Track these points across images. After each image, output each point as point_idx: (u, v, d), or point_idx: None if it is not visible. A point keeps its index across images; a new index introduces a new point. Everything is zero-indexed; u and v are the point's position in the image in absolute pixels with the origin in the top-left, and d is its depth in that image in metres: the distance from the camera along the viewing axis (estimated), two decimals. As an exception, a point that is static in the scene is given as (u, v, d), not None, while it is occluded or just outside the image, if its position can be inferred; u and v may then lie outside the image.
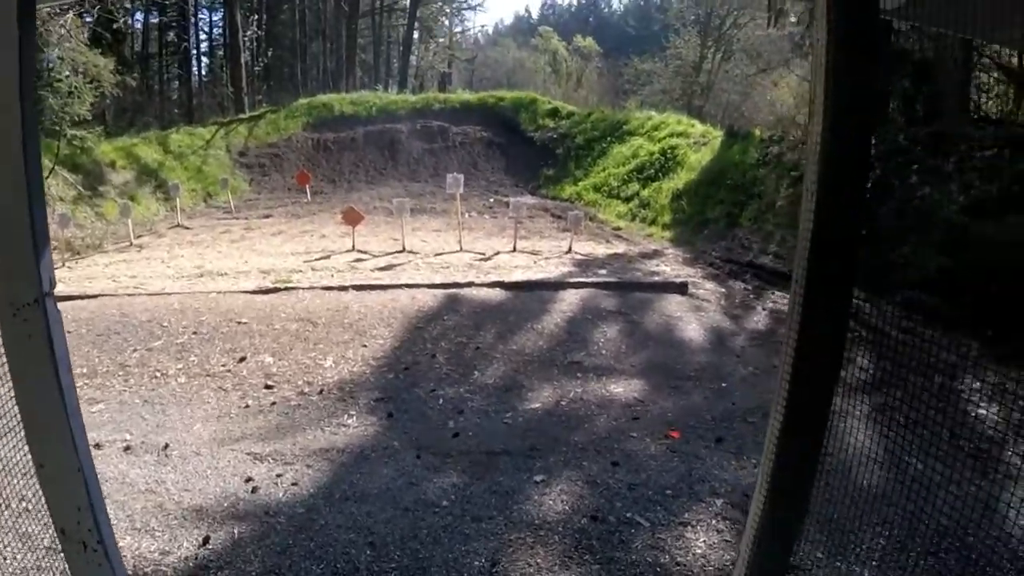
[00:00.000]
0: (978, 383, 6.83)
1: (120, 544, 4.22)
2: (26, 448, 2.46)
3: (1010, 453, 5.65)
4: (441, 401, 6.64)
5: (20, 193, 2.11)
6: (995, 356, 7.48)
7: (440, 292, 9.97)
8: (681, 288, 10.64)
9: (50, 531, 2.87)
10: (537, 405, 6.52)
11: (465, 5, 52.50)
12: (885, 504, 3.91)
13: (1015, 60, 12.36)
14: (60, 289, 9.47)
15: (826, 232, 1.96)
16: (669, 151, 19.85)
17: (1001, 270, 8.35)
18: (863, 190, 1.98)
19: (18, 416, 2.40)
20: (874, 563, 4.21)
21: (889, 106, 13.71)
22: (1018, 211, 9.21)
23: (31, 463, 2.47)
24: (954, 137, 11.26)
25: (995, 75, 13.05)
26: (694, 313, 9.68)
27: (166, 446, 5.62)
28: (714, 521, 4.57)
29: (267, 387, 6.98)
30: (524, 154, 24.30)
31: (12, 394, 2.38)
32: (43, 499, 2.56)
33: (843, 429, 3.44)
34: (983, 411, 6.36)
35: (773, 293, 10.52)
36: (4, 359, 2.33)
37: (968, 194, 10.06)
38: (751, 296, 10.63)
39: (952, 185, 10.38)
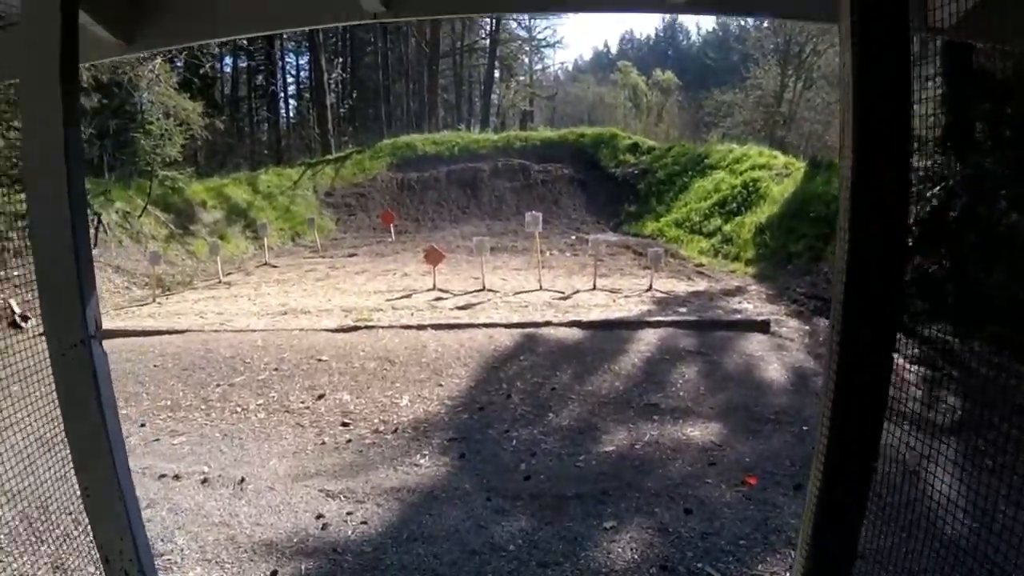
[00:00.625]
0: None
1: (189, 575, 4.33)
2: (74, 479, 2.57)
3: None
4: (514, 442, 6.62)
5: (67, 242, 2.23)
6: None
7: (517, 331, 9.97)
8: (763, 326, 10.42)
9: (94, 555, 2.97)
10: (611, 448, 6.45)
11: (544, 43, 52.98)
12: (970, 557, 3.74)
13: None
14: (150, 324, 9.87)
15: (862, 272, 1.88)
16: (751, 184, 19.56)
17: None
18: (901, 223, 1.89)
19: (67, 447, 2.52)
20: None
21: (973, 130, 13.30)
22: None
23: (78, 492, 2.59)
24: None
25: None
26: (776, 352, 9.46)
27: (242, 480, 5.75)
28: (788, 574, 4.44)
29: (343, 424, 7.08)
30: (605, 190, 24.29)
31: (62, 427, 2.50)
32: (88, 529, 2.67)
33: (925, 474, 3.30)
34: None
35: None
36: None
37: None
38: (836, 334, 10.34)
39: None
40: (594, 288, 13.31)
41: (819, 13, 3.32)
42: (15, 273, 11.69)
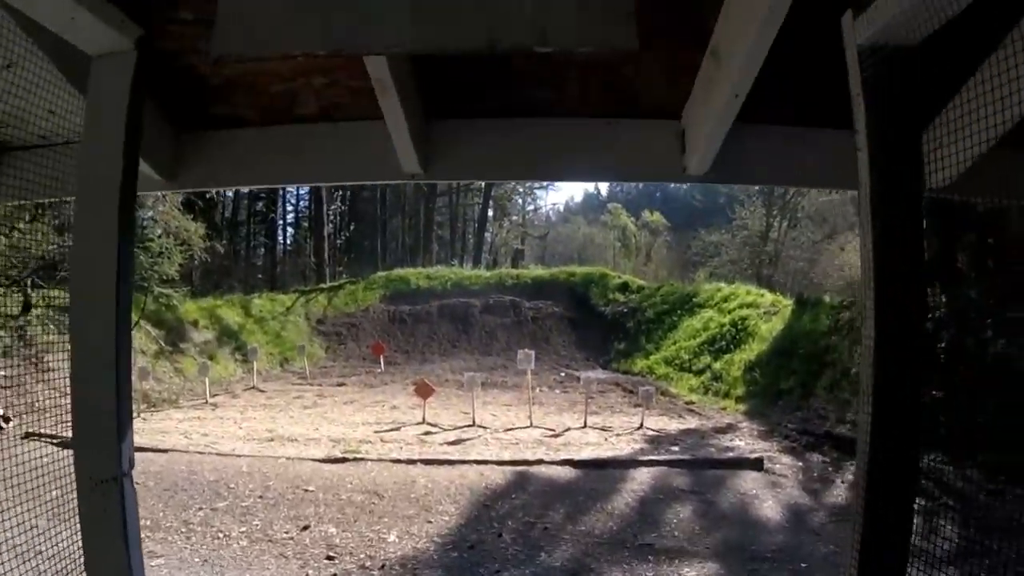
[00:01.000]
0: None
1: None
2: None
3: None
4: (505, 583, 6.49)
5: (111, 375, 2.23)
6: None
7: (508, 469, 9.87)
8: (756, 464, 10.37)
9: None
10: (606, 590, 6.31)
11: (537, 185, 54.31)
12: None
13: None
14: (133, 439, 9.71)
15: (887, 409, 1.92)
16: (740, 322, 19.81)
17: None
18: (920, 361, 1.95)
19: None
20: None
21: (956, 260, 13.56)
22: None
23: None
24: (1024, 286, 11.05)
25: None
26: (770, 490, 9.40)
27: (222, 611, 5.57)
28: None
29: (328, 558, 6.91)
30: (595, 328, 24.51)
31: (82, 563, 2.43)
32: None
33: None
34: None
35: (852, 464, 10.14)
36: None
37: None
38: (829, 469, 10.29)
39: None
40: (585, 426, 13.24)
41: (839, 180, 3.49)
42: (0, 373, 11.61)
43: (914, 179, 1.94)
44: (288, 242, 44.09)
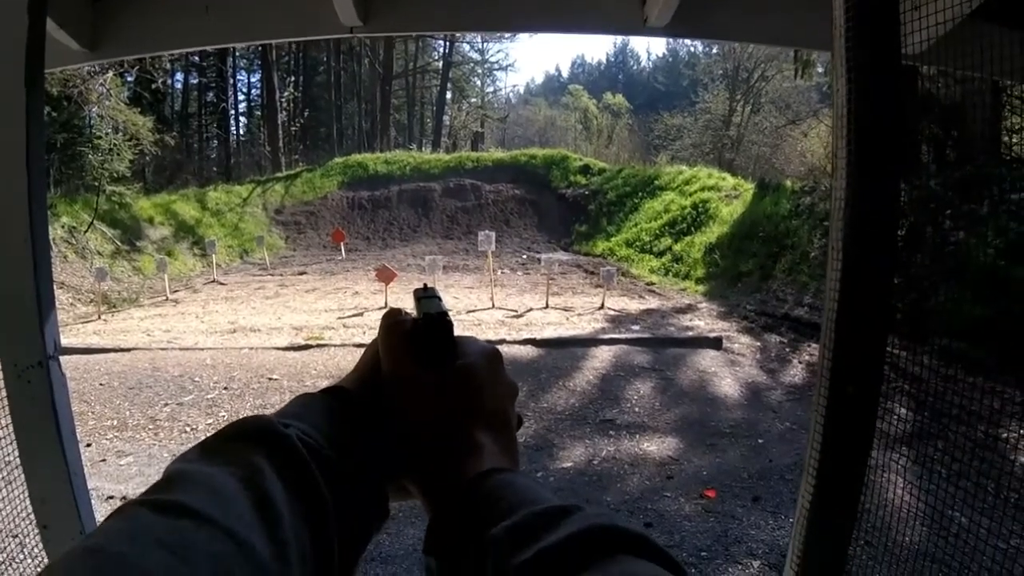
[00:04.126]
0: (1023, 431, 6.68)
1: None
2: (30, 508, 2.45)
3: None
4: (471, 460, 6.58)
5: (26, 259, 2.14)
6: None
7: (471, 349, 9.93)
8: (715, 343, 10.55)
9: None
10: (568, 464, 6.43)
11: (496, 66, 53.30)
12: (928, 561, 3.79)
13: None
14: (95, 341, 9.62)
15: (855, 288, 1.88)
16: (701, 205, 19.86)
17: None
18: (893, 244, 1.91)
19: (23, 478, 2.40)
20: None
21: (920, 152, 13.64)
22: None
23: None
24: (986, 180, 11.16)
25: (1025, 116, 12.96)
26: (729, 368, 9.58)
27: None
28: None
29: (296, 444, 6.96)
30: (556, 211, 24.39)
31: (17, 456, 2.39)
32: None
33: (882, 483, 3.35)
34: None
35: (809, 345, 10.35)
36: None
37: (1005, 237, 9.95)
38: (787, 349, 10.49)
39: (987, 229, 10.27)
40: (547, 306, 13.34)
41: (809, 39, 3.37)
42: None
43: (891, 41, 1.86)
44: (242, 132, 43.04)
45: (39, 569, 3.02)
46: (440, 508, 0.66)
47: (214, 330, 11.85)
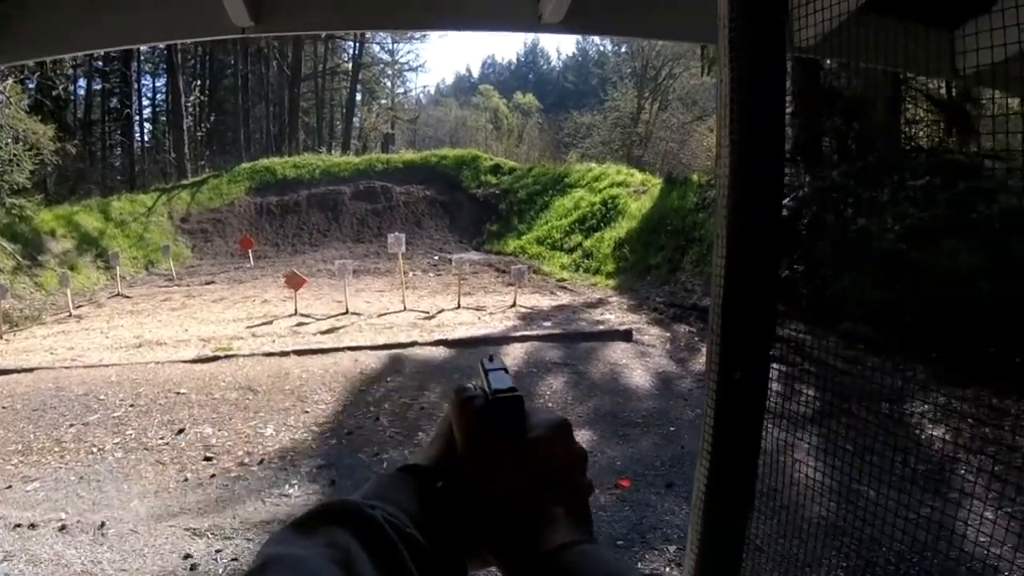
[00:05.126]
0: (925, 406, 6.94)
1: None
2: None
3: (963, 471, 5.76)
4: (385, 465, 6.58)
5: None
6: (941, 378, 7.64)
7: (383, 353, 9.92)
8: (626, 335, 10.72)
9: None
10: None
11: (406, 66, 52.98)
12: (841, 535, 3.93)
13: (943, 91, 12.81)
14: (-5, 363, 9.24)
15: (740, 275, 1.96)
16: (610, 201, 20.14)
17: (941, 294, 8.56)
18: (777, 230, 1.97)
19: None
20: None
21: (822, 144, 14.09)
22: (953, 236, 9.45)
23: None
24: (887, 168, 11.57)
25: (924, 106, 13.50)
26: (640, 359, 9.75)
27: (103, 524, 5.45)
28: (668, 568, 4.57)
29: (206, 459, 6.83)
30: (467, 211, 24.41)
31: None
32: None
33: (791, 462, 3.46)
34: (932, 432, 6.46)
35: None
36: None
37: (903, 223, 10.30)
38: (695, 339, 10.73)
39: (887, 216, 10.63)
40: (459, 307, 13.37)
41: (697, 34, 3.44)
42: None
43: (775, 31, 1.90)
44: (146, 139, 41.79)
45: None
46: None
47: (119, 345, 11.51)
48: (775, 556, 3.44)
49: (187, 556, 4.92)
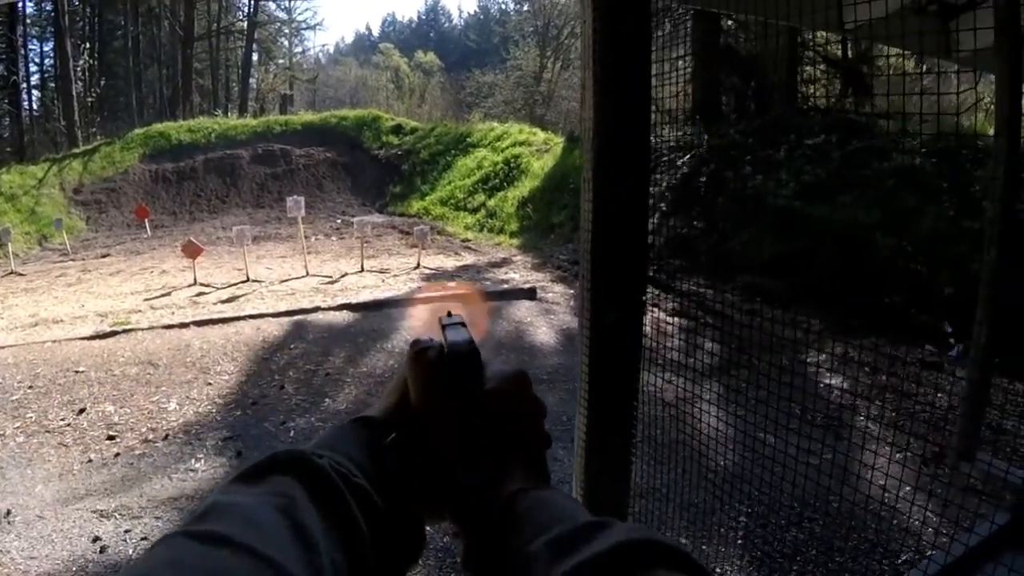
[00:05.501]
0: (823, 356, 7.25)
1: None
2: None
3: (861, 418, 6.09)
4: (292, 433, 6.59)
5: None
6: (838, 329, 7.99)
7: (286, 320, 9.86)
8: (530, 293, 10.89)
9: None
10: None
11: (304, 25, 51.80)
12: (744, 483, 4.12)
13: (839, 51, 13.23)
14: None
15: (606, 225, 1.99)
16: (513, 160, 20.25)
17: (837, 248, 8.94)
18: (644, 180, 1.99)
19: None
20: (739, 541, 4.43)
21: (720, 102, 14.42)
22: (847, 192, 9.83)
23: None
24: (784, 127, 11.93)
25: (820, 67, 13.91)
26: (544, 316, 9.93)
27: (8, 512, 5.35)
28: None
29: (109, 438, 6.72)
30: (370, 173, 24.18)
31: None
32: None
33: (695, 413, 3.62)
34: (830, 381, 6.78)
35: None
36: None
37: (799, 180, 10.66)
38: (599, 295, 10.92)
39: (783, 173, 10.97)
40: (362, 270, 13.33)
41: None
42: None
43: None
44: (35, 107, 40.03)
45: None
46: (477, 527, 0.70)
47: (14, 325, 11.12)
48: (675, 501, 3.61)
49: (96, 539, 4.88)
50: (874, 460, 4.01)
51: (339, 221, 20.24)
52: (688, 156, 12.49)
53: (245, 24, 45.50)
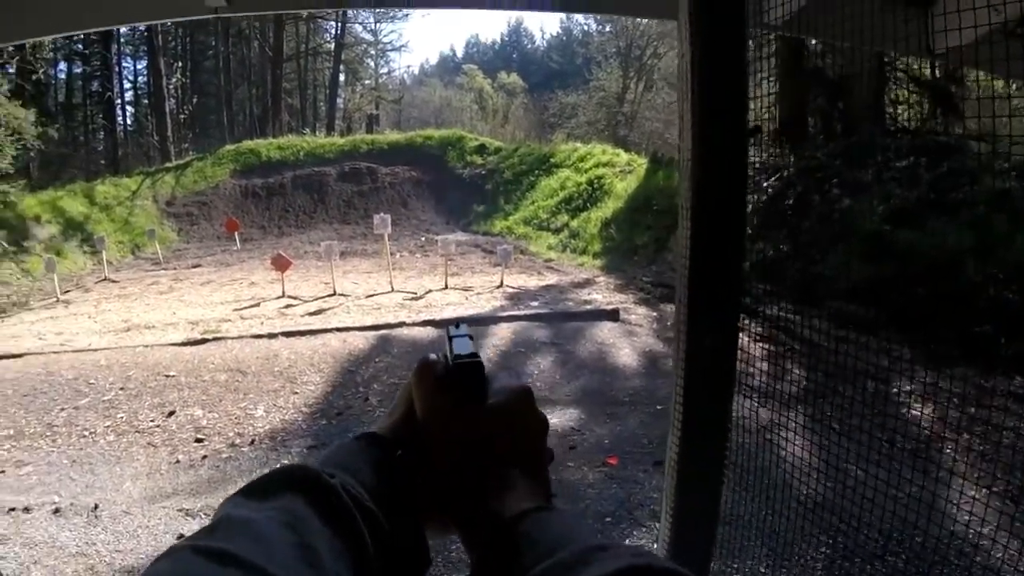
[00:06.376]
0: (912, 385, 7.01)
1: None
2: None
3: (949, 451, 5.85)
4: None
5: None
6: (927, 357, 7.71)
7: (371, 334, 9.94)
8: (613, 315, 10.76)
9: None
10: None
11: (389, 46, 52.63)
12: (828, 513, 3.99)
13: (927, 72, 12.86)
14: (-16, 349, 9.22)
15: (705, 251, 1.98)
16: (596, 181, 20.16)
17: (926, 274, 8.63)
18: (740, 206, 1.98)
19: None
20: (820, 572, 4.28)
21: (807, 124, 14.13)
22: (937, 216, 9.51)
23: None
24: (872, 149, 11.61)
25: (908, 87, 13.55)
26: (627, 339, 9.80)
27: (96, 507, 5.49)
28: (656, 545, 4.62)
29: (197, 440, 6.86)
30: (453, 191, 24.33)
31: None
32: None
33: (779, 441, 3.52)
34: (918, 411, 6.54)
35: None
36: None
37: (888, 203, 10.35)
38: (682, 319, 10.74)
39: (872, 196, 10.68)
40: (446, 287, 13.40)
41: (657, 9, 3.42)
42: None
43: (737, 9, 1.91)
44: (129, 122, 41.42)
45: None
46: (482, 549, 0.69)
47: (108, 329, 11.50)
48: (757, 529, 3.50)
49: (180, 536, 4.93)
50: (960, 496, 3.84)
51: (423, 239, 20.39)
52: (774, 178, 12.26)
53: (332, 45, 46.40)
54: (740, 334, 2.16)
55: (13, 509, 5.50)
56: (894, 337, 8.05)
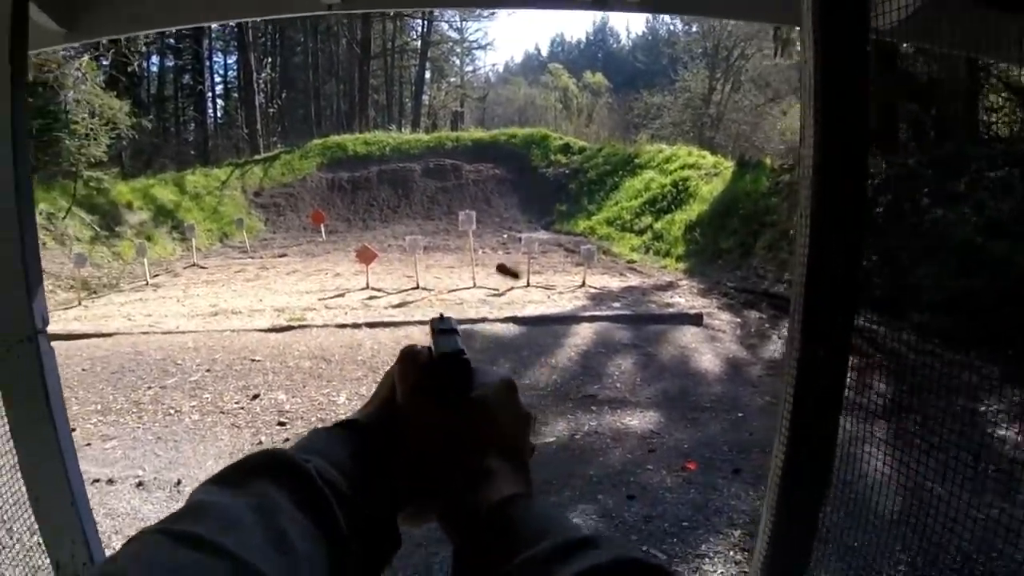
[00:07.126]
0: (1000, 404, 6.75)
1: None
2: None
3: None
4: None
5: (14, 234, 2.14)
6: (1016, 375, 7.41)
7: (453, 328, 9.95)
8: (696, 319, 10.60)
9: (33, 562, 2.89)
10: (551, 439, 6.48)
11: (475, 44, 52.98)
12: (907, 530, 3.85)
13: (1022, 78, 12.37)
14: (76, 327, 9.55)
15: (822, 260, 1.94)
16: (681, 183, 19.92)
17: (1018, 288, 8.30)
18: (859, 216, 1.94)
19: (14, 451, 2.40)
20: None
21: (898, 130, 13.73)
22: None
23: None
24: (965, 158, 11.24)
25: (1003, 95, 13.06)
26: (709, 344, 9.64)
27: (178, 482, 5.62)
28: (732, 552, 4.53)
29: (280, 424, 6.97)
30: (537, 190, 24.34)
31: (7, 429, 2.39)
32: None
33: (861, 455, 3.41)
34: (1006, 432, 6.29)
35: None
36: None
37: (981, 214, 10.01)
38: (767, 325, 10.56)
39: (964, 206, 10.33)
40: (528, 285, 13.37)
41: (778, 14, 3.35)
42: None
43: (860, 13, 1.88)
44: (219, 115, 42.62)
45: (29, 545, 3.03)
46: (461, 535, 0.70)
47: (195, 313, 11.80)
48: (842, 547, 3.41)
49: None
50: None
51: (506, 236, 20.46)
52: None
53: (419, 43, 46.93)
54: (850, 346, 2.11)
55: (98, 480, 5.64)
56: (983, 354, 7.75)
